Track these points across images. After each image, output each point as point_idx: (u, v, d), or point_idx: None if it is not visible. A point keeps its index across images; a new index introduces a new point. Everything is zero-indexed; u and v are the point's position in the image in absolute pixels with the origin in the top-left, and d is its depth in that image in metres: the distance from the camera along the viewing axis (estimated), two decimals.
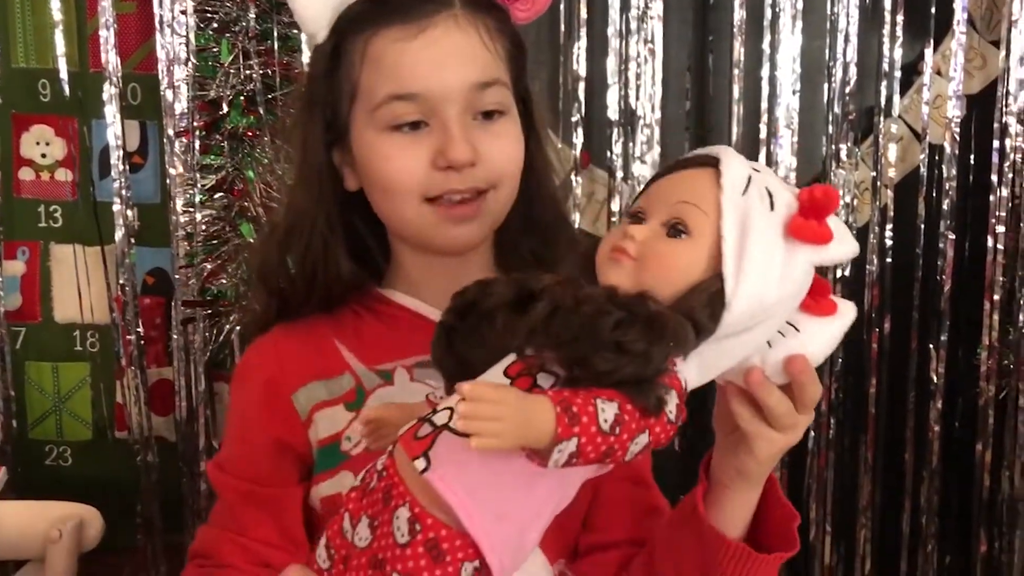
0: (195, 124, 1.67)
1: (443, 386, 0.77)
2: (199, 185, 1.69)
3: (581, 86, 1.79)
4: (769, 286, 0.71)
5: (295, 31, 1.66)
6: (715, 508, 0.83)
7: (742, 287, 0.71)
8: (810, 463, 1.92)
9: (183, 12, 1.67)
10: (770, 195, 0.73)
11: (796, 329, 0.76)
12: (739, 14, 1.78)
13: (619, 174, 1.82)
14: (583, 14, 1.77)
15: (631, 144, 1.81)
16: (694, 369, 0.72)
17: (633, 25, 1.78)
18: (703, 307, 0.71)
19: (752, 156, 1.81)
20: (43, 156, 1.83)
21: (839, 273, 1.89)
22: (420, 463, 0.68)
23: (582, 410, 0.65)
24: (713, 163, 0.74)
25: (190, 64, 1.67)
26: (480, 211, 0.92)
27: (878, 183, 1.90)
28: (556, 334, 0.68)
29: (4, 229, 1.80)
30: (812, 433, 1.91)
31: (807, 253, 0.72)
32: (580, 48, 1.77)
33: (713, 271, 0.71)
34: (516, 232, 0.99)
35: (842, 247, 0.74)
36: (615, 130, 1.80)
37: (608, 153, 1.82)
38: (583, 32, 1.77)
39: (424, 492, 0.69)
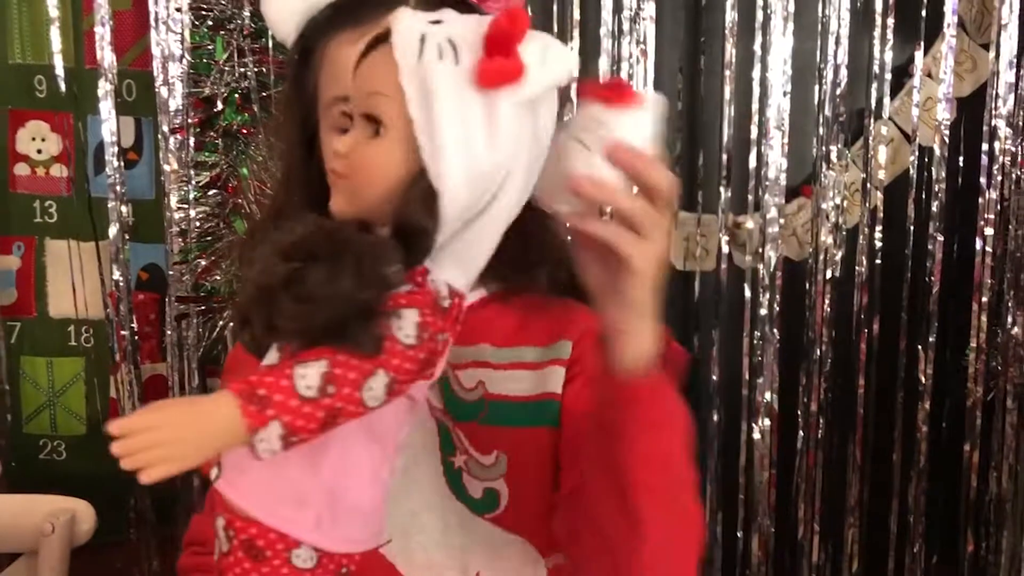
0: (189, 121, 1.68)
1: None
2: (193, 182, 1.70)
3: (572, 86, 1.80)
4: (478, 153, 0.62)
5: None
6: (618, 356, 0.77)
7: (445, 167, 0.62)
8: (799, 463, 1.94)
9: (178, 9, 1.68)
10: (453, 47, 0.62)
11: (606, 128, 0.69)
12: (731, 16, 1.79)
13: None
14: (576, 15, 1.78)
15: None
16: (452, 267, 0.66)
17: (626, 26, 1.79)
18: (416, 206, 0.63)
19: (743, 157, 1.83)
20: (39, 152, 1.84)
21: (828, 274, 1.90)
22: (213, 472, 0.67)
23: (273, 388, 0.60)
24: (384, 37, 0.65)
25: (185, 61, 1.68)
26: None
27: (868, 185, 1.91)
28: (244, 309, 0.64)
29: (0, 224, 1.81)
30: (801, 433, 1.93)
31: (508, 97, 0.62)
32: (573, 49, 1.78)
33: (417, 162, 0.62)
34: (510, 245, 0.99)
35: (547, 70, 0.64)
36: None
37: None
38: (576, 33, 1.78)
39: (225, 497, 0.67)
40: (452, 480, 0.93)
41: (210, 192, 1.69)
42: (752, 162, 1.84)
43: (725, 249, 1.88)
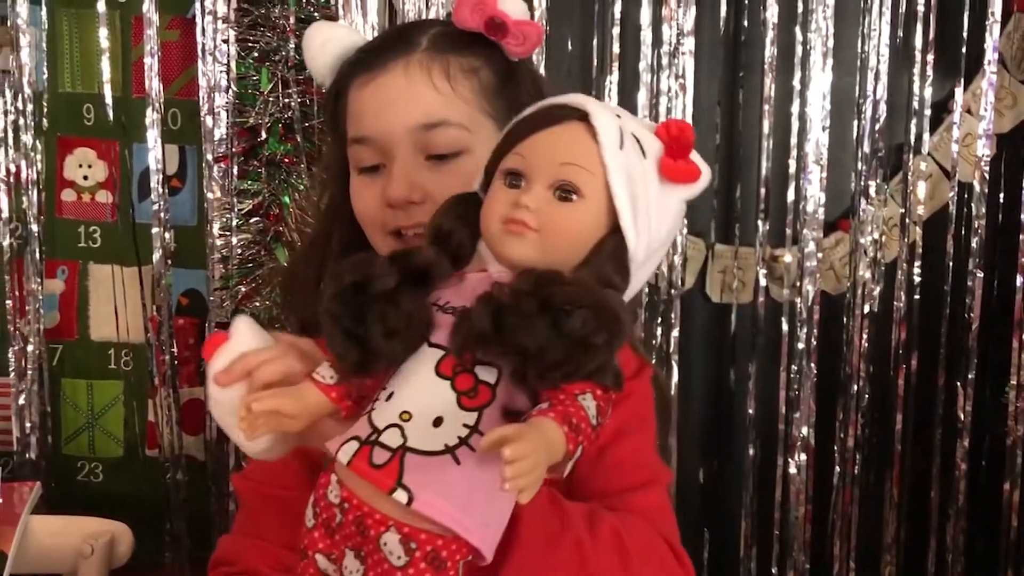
0: (233, 150, 1.71)
1: (336, 376, 0.76)
2: (236, 209, 1.72)
3: None
4: (659, 230, 0.75)
5: None
6: None
7: (641, 239, 0.74)
8: (834, 499, 1.92)
9: (225, 41, 1.71)
10: (638, 142, 0.74)
11: None
12: (770, 51, 1.80)
13: None
14: (615, 49, 1.79)
15: None
16: None
17: (665, 60, 1.80)
18: (613, 266, 0.73)
19: (781, 190, 1.83)
20: (85, 178, 1.87)
21: (866, 309, 1.89)
22: (401, 495, 0.67)
23: (578, 417, 0.68)
24: (580, 115, 0.74)
25: (230, 91, 1.71)
26: None
27: (907, 220, 1.90)
28: (516, 342, 0.67)
29: (46, 248, 1.84)
30: (837, 468, 1.91)
31: (681, 192, 0.76)
32: (612, 82, 1.80)
33: (607, 228, 0.73)
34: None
35: (705, 179, 0.77)
36: None
37: None
38: (615, 67, 1.80)
39: (409, 515, 0.69)
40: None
41: (252, 220, 1.71)
42: (790, 196, 1.84)
43: (763, 282, 1.88)
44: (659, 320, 1.85)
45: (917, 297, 1.91)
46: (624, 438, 0.92)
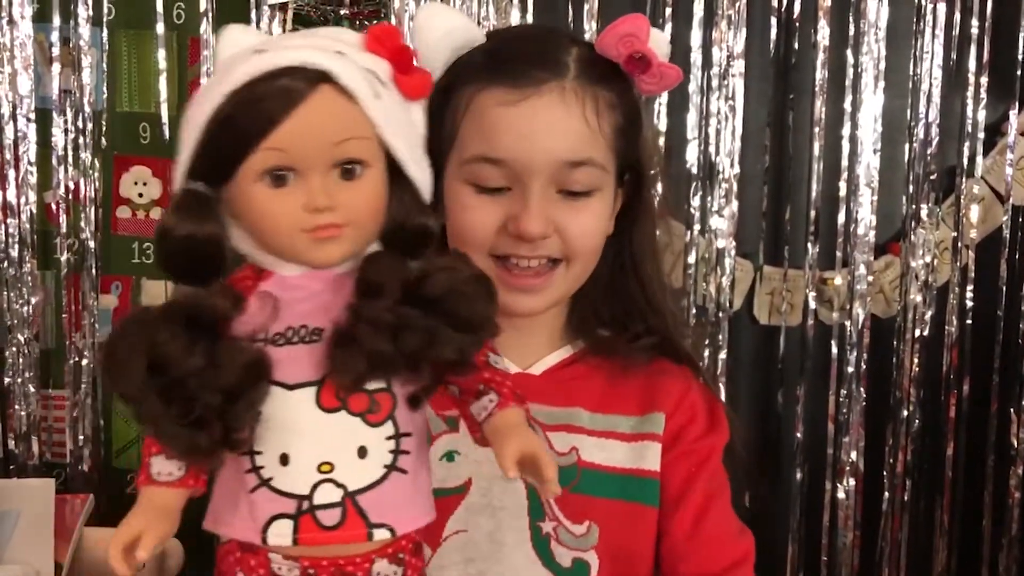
0: None
1: (182, 466, 0.69)
2: None
3: (661, 140, 1.82)
4: (422, 148, 0.73)
5: None
6: None
7: (424, 170, 0.72)
8: (883, 525, 1.89)
9: None
10: (373, 75, 0.68)
11: None
12: (820, 74, 1.79)
13: (696, 227, 1.83)
14: None
15: (709, 198, 1.82)
16: None
17: (715, 82, 1.80)
18: (416, 212, 0.70)
19: (830, 213, 1.81)
20: (140, 196, 1.90)
21: (917, 333, 1.87)
22: (383, 533, 0.68)
23: (509, 383, 0.73)
24: (320, 77, 0.66)
25: None
26: (547, 283, 0.91)
27: (959, 243, 1.88)
28: (429, 353, 0.66)
29: (101, 264, 1.87)
30: (886, 494, 1.88)
31: (420, 104, 0.74)
32: (662, 103, 1.80)
33: (390, 179, 0.70)
34: (600, 300, 0.99)
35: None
36: (694, 184, 1.82)
37: (686, 206, 1.83)
38: None
39: (393, 540, 0.70)
40: (539, 546, 0.91)
41: None
42: (840, 218, 1.83)
43: (812, 305, 1.86)
44: (707, 342, 1.84)
45: (969, 322, 1.88)
46: (713, 504, 0.94)
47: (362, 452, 0.67)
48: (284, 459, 0.67)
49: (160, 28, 1.79)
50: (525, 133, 0.88)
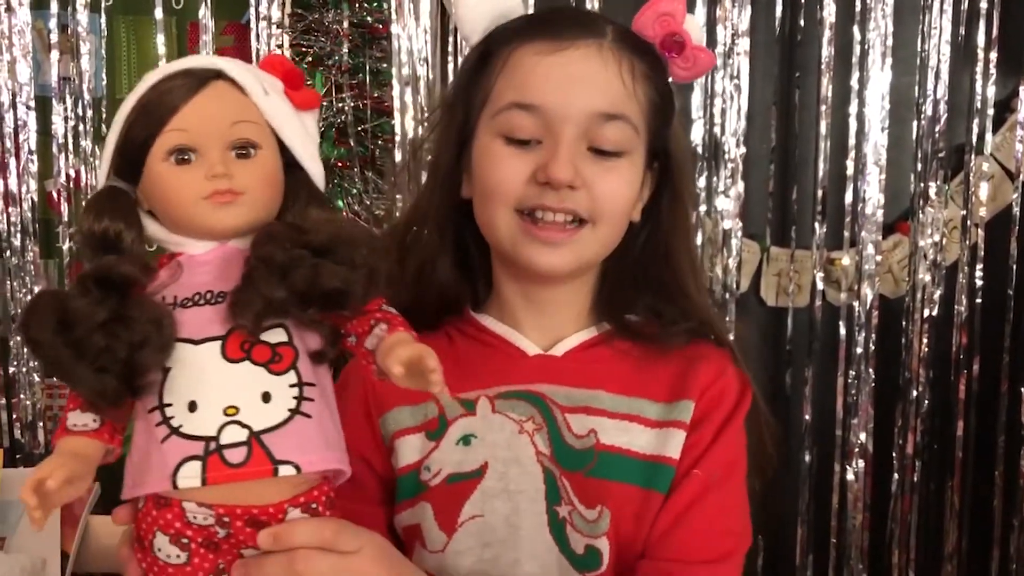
0: None
1: (97, 417, 0.74)
2: None
3: None
4: (314, 152, 0.81)
5: (385, 66, 1.70)
6: None
7: (316, 166, 0.80)
8: (893, 507, 1.88)
9: (279, 46, 1.73)
10: (267, 83, 0.78)
11: None
12: (827, 51, 1.78)
13: (702, 207, 1.82)
14: None
15: (715, 179, 1.81)
16: None
17: (719, 61, 1.78)
18: (312, 199, 0.78)
19: (838, 192, 1.80)
20: None
21: (926, 313, 1.85)
22: (288, 469, 0.72)
23: (404, 321, 0.78)
24: (216, 75, 0.76)
25: None
26: (570, 239, 0.90)
27: (968, 222, 1.86)
28: (319, 291, 0.72)
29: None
30: (896, 476, 1.88)
31: (311, 115, 0.82)
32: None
33: (283, 169, 0.78)
34: (629, 285, 0.98)
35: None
36: (699, 164, 1.80)
37: (691, 187, 1.82)
38: None
39: (300, 483, 0.74)
40: (556, 531, 0.90)
41: None
42: (848, 198, 1.81)
43: (819, 285, 1.85)
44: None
45: (979, 301, 1.87)
46: (711, 494, 0.91)
47: (266, 397, 0.72)
48: (192, 406, 0.71)
49: (159, 13, 1.78)
50: (561, 80, 0.89)
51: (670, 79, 0.94)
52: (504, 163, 0.90)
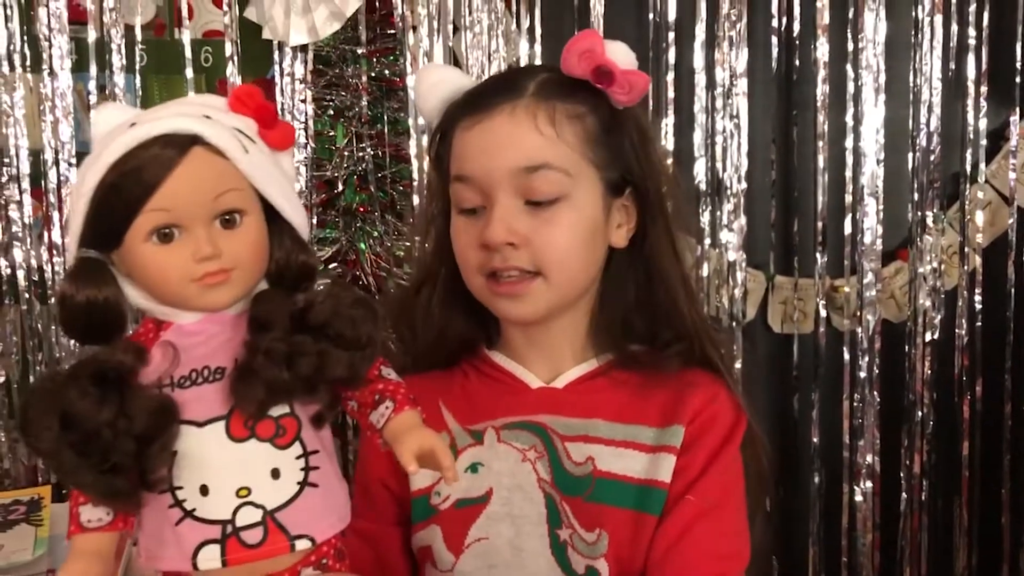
0: (313, 201, 1.80)
1: (110, 511, 0.74)
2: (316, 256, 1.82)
3: (669, 160, 1.87)
4: (292, 192, 0.79)
5: (402, 116, 1.79)
6: None
7: (298, 214, 0.78)
8: (902, 525, 1.93)
9: (303, 100, 1.82)
10: (240, 132, 0.75)
11: None
12: (822, 88, 1.84)
13: (707, 241, 1.89)
14: (670, 93, 1.85)
15: (718, 212, 1.88)
16: None
17: (719, 102, 1.85)
18: (297, 251, 0.77)
19: (838, 222, 1.86)
20: None
21: (928, 337, 1.91)
22: (304, 543, 0.74)
23: (404, 389, 0.80)
24: (193, 140, 0.72)
25: (309, 147, 1.81)
26: (525, 292, 0.96)
27: (966, 248, 1.92)
28: (324, 375, 0.73)
29: None
30: (904, 495, 1.92)
31: (287, 153, 0.80)
32: (668, 124, 1.86)
33: (266, 224, 0.76)
34: (627, 310, 1.02)
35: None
36: (703, 200, 1.88)
37: (695, 221, 1.88)
38: (670, 110, 1.86)
39: (313, 550, 0.76)
40: (557, 553, 0.95)
41: (331, 265, 1.79)
42: (847, 228, 1.87)
43: (823, 312, 1.91)
44: (722, 351, 1.89)
45: (979, 324, 1.92)
46: (706, 519, 0.94)
47: (275, 473, 0.73)
48: (204, 490, 0.72)
49: (189, 72, 1.88)
50: (483, 149, 0.95)
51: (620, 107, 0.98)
52: (461, 235, 0.98)
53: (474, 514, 0.98)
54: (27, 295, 1.88)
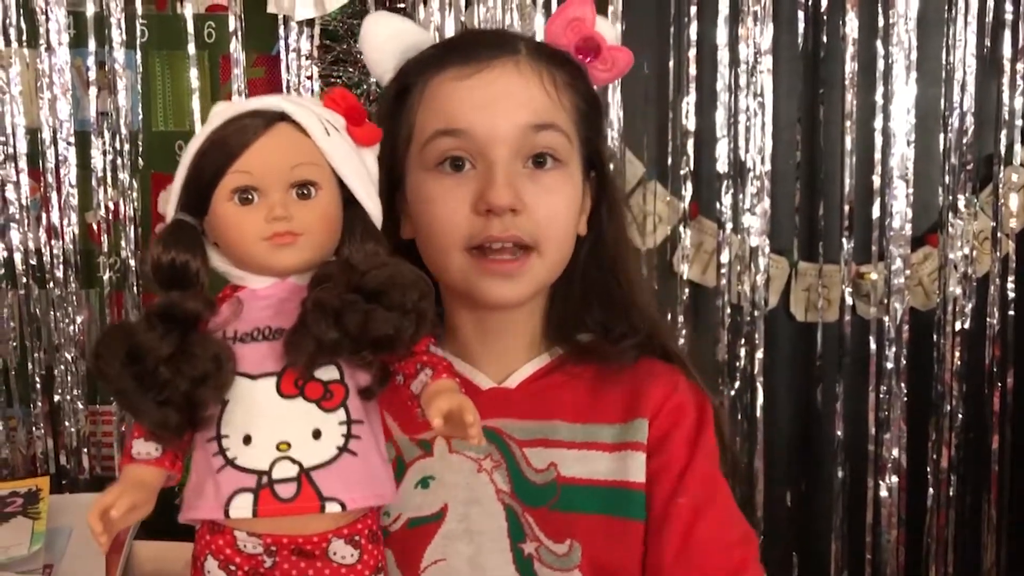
0: None
1: (159, 446, 0.77)
2: None
3: (690, 141, 1.81)
4: (372, 188, 0.83)
5: None
6: None
7: (373, 203, 0.82)
8: (929, 521, 1.87)
9: (308, 77, 1.77)
10: (327, 121, 0.80)
11: None
12: (850, 66, 1.77)
13: (728, 225, 1.83)
14: (692, 70, 1.79)
15: (741, 195, 1.82)
16: None
17: (743, 80, 1.79)
18: (369, 236, 0.80)
19: (865, 207, 1.79)
20: None
21: (958, 326, 1.84)
22: (334, 507, 0.75)
23: (449, 366, 0.81)
24: (279, 116, 0.78)
25: None
26: (524, 269, 0.88)
27: (998, 233, 1.85)
28: (369, 336, 0.74)
29: (143, 281, 1.91)
30: (931, 490, 1.86)
31: (371, 151, 0.84)
32: (689, 103, 1.79)
33: (342, 206, 0.80)
34: (578, 302, 0.96)
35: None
36: (725, 182, 1.81)
37: (717, 204, 1.82)
38: (692, 87, 1.79)
39: (345, 516, 0.77)
40: (523, 568, 0.88)
41: None
42: (875, 212, 1.81)
43: (848, 300, 1.85)
44: (743, 341, 1.83)
45: (1011, 312, 1.85)
46: (704, 514, 0.89)
47: (316, 434, 0.76)
48: (247, 439, 0.75)
49: (191, 48, 1.82)
50: (484, 101, 0.87)
51: (595, 86, 0.94)
52: (442, 200, 0.88)
53: (429, 534, 0.89)
54: (25, 279, 1.83)
